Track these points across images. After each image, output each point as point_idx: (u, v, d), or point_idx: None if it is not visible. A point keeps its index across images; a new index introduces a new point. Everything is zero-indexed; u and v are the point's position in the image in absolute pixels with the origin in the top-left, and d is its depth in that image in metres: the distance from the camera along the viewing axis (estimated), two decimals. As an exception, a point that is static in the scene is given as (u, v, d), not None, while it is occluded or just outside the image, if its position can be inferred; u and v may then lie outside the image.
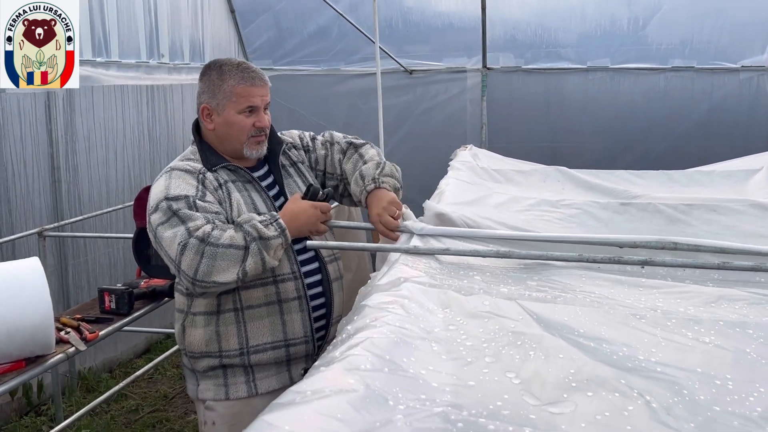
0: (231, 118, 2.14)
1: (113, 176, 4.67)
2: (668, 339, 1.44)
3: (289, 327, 2.14)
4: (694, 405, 1.17)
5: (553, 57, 5.87)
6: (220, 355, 2.12)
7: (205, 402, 2.18)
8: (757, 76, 5.62)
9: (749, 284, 1.79)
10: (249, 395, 2.13)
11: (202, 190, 2.06)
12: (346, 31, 5.95)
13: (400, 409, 1.09)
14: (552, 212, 2.85)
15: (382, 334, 1.42)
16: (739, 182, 3.27)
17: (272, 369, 2.15)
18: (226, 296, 2.09)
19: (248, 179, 2.19)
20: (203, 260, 1.92)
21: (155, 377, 4.64)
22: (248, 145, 2.17)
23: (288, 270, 2.14)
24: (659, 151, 5.71)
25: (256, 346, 2.12)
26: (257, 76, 2.17)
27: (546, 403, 1.18)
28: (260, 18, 6.11)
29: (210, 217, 2.00)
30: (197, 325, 2.13)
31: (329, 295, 2.24)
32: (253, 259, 1.96)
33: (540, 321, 1.53)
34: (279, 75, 6.04)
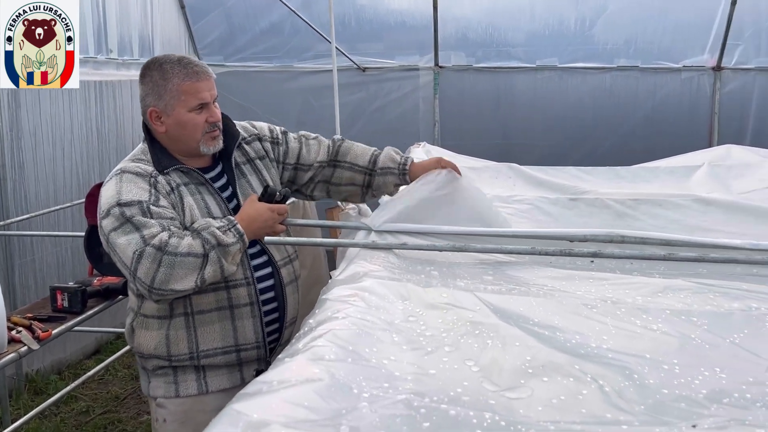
0: (182, 117, 2.06)
1: (61, 174, 4.56)
2: (618, 327, 1.50)
3: (240, 333, 2.11)
4: (643, 388, 1.23)
5: (503, 56, 5.97)
6: (169, 358, 2.09)
7: (156, 399, 2.15)
8: (698, 76, 5.83)
9: (693, 275, 1.88)
10: (199, 393, 2.10)
11: (155, 194, 2.00)
12: (299, 28, 5.93)
13: (365, 396, 1.12)
14: (504, 208, 2.91)
15: (345, 326, 1.44)
16: (682, 178, 3.40)
17: (223, 369, 2.13)
18: (177, 300, 2.05)
19: (201, 181, 2.12)
20: (161, 269, 1.88)
21: (106, 378, 4.55)
22: (204, 141, 2.10)
23: (241, 276, 2.10)
24: (606, 148, 5.86)
25: (206, 350, 2.08)
26: (201, 71, 2.08)
27: (504, 389, 1.22)
28: (211, 14, 6.03)
29: (165, 223, 1.94)
30: (147, 327, 2.09)
31: (282, 300, 2.20)
32: (212, 267, 1.93)
33: (496, 311, 1.58)
34: (230, 71, 5.99)
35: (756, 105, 5.79)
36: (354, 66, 6.03)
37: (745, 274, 1.87)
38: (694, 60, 5.79)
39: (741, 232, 2.39)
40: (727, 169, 3.42)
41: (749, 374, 1.28)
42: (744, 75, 5.78)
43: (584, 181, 3.39)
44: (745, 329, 1.49)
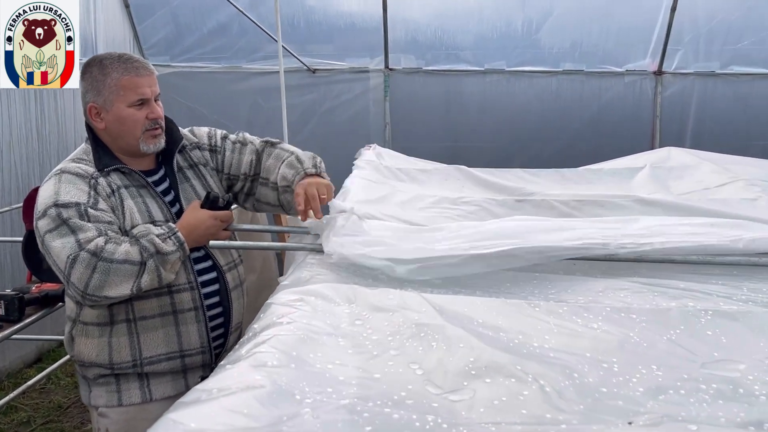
0: (121, 113, 2.02)
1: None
2: (560, 326, 1.52)
3: (185, 338, 2.08)
4: (583, 387, 1.25)
5: (452, 59, 6.03)
6: (111, 366, 2.04)
7: (98, 408, 2.09)
8: (640, 80, 5.99)
9: (633, 275, 1.92)
10: (143, 401, 2.06)
11: (95, 196, 1.95)
12: (247, 29, 5.87)
13: (307, 402, 1.11)
14: (452, 209, 2.93)
15: (289, 331, 1.43)
16: (625, 179, 3.47)
17: (168, 376, 2.09)
18: (119, 307, 2.01)
19: (142, 184, 2.08)
20: (95, 275, 1.84)
21: (48, 387, 4.42)
22: (144, 139, 2.06)
23: (184, 280, 2.07)
24: (552, 150, 5.98)
25: (150, 357, 2.04)
26: (141, 66, 2.05)
27: (447, 391, 1.23)
28: (157, 13, 5.92)
29: (102, 228, 1.90)
30: (87, 335, 2.04)
31: (227, 305, 2.18)
32: (149, 275, 1.90)
33: (442, 312, 1.58)
34: (177, 72, 5.89)
35: (695, 108, 5.99)
36: (304, 67, 6.00)
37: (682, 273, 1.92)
38: (637, 64, 5.95)
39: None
40: (667, 170, 3.52)
41: (684, 371, 1.31)
42: (683, 79, 5.96)
43: (531, 183, 3.44)
44: (681, 326, 1.52)
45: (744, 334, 1.51)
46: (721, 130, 5.95)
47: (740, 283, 1.85)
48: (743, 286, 1.83)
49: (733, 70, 5.91)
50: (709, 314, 1.58)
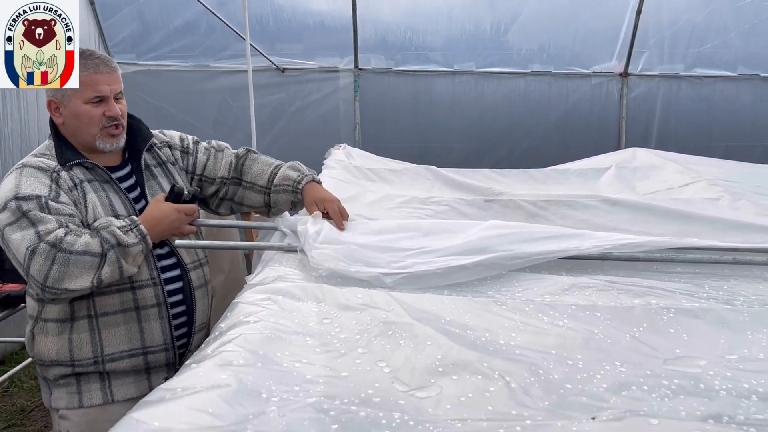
0: (78, 109, 2.00)
1: (-41, 175, 4.31)
2: (526, 323, 1.54)
3: (148, 335, 2.05)
4: (548, 384, 1.27)
5: (422, 59, 6.04)
6: (72, 364, 2.00)
7: (59, 411, 2.05)
8: (606, 82, 6.07)
9: (599, 272, 1.95)
10: (104, 402, 2.02)
11: (56, 189, 1.93)
12: (215, 27, 5.81)
13: (274, 401, 1.11)
14: (422, 209, 2.94)
15: (256, 330, 1.42)
16: (591, 180, 3.52)
17: (130, 377, 2.06)
18: (80, 303, 1.98)
19: (106, 179, 2.06)
20: (54, 266, 1.81)
21: (11, 390, 4.33)
22: (101, 137, 2.03)
23: (147, 276, 2.04)
24: (521, 150, 6.03)
25: (111, 354, 2.01)
26: (102, 63, 2.03)
27: (414, 389, 1.23)
28: (123, 11, 5.82)
29: (63, 220, 1.87)
30: (48, 332, 2.01)
31: (191, 303, 2.15)
32: (110, 267, 1.87)
33: (410, 310, 1.59)
34: (144, 70, 5.81)
35: (660, 109, 6.09)
36: (273, 66, 5.96)
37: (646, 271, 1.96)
38: (603, 66, 6.02)
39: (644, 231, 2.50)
40: (632, 171, 3.57)
41: (647, 367, 1.34)
42: (649, 81, 6.06)
43: (499, 183, 3.47)
44: (644, 324, 1.55)
45: (705, 331, 1.54)
46: (685, 131, 6.06)
47: (702, 281, 1.89)
48: (705, 284, 1.87)
49: (697, 72, 6.03)
50: (671, 312, 1.61)
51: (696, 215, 2.62)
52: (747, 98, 6.10)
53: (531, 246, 1.97)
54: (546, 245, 1.98)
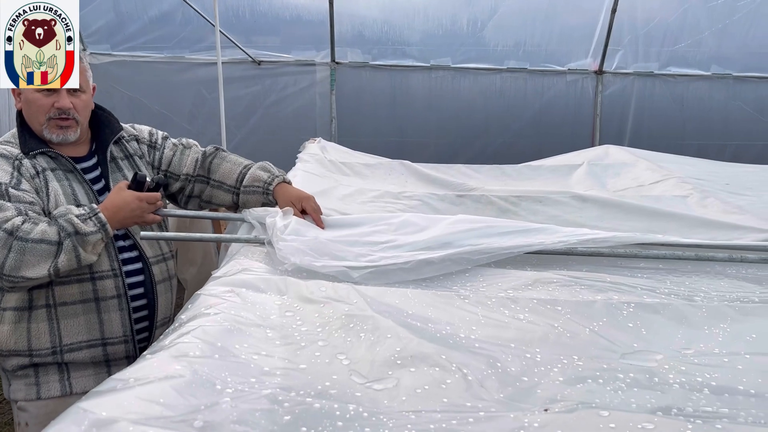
0: (29, 96, 2.02)
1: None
2: (488, 317, 1.55)
3: (107, 326, 2.04)
4: (505, 376, 1.28)
5: (398, 54, 6.04)
6: (30, 354, 1.99)
7: (18, 402, 2.04)
8: (581, 79, 6.11)
9: (563, 268, 1.96)
10: (63, 394, 2.01)
11: (18, 177, 1.92)
12: (191, 18, 5.75)
13: (228, 392, 1.11)
14: (394, 203, 2.94)
15: (216, 322, 1.42)
16: (563, 176, 3.55)
17: (89, 369, 2.05)
18: (39, 292, 1.97)
19: (69, 169, 2.05)
20: (10, 254, 1.80)
21: (-23, 383, 4.27)
22: (48, 127, 2.03)
23: (107, 267, 2.03)
24: (496, 147, 6.05)
25: (70, 344, 2.00)
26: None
27: (371, 381, 1.23)
28: (97, 0, 5.76)
29: (22, 207, 1.86)
30: (5, 321, 1.99)
31: (153, 297, 2.14)
32: (66, 255, 1.85)
33: (373, 304, 1.59)
34: (118, 61, 5.74)
35: (634, 107, 6.15)
36: (249, 59, 5.93)
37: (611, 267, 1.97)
38: (578, 63, 6.07)
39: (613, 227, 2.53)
40: (604, 168, 3.60)
41: (604, 361, 1.35)
42: (623, 79, 6.11)
43: (472, 179, 3.48)
44: (604, 318, 1.57)
45: (664, 326, 1.56)
46: (658, 129, 6.13)
47: (664, 277, 1.92)
48: (667, 279, 1.90)
49: (670, 71, 6.09)
50: (631, 307, 1.63)
51: (664, 212, 2.65)
52: (720, 97, 6.18)
53: (497, 240, 1.98)
54: (512, 240, 1.99)
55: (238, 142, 5.85)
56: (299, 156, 3.63)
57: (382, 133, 6.05)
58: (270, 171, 2.29)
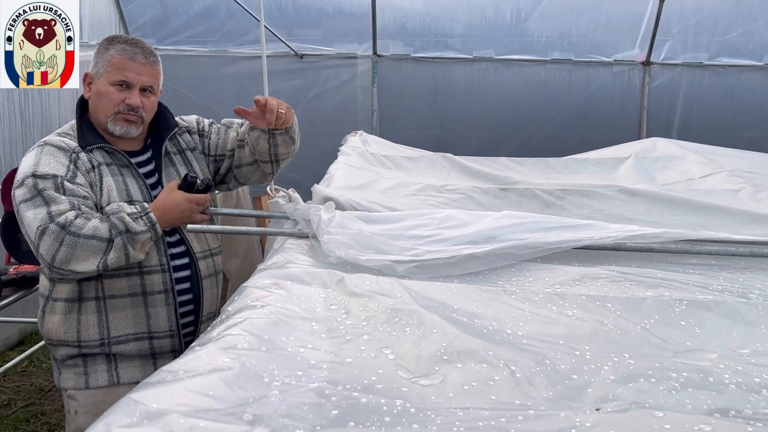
0: (102, 88, 2.04)
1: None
2: (535, 313, 1.52)
3: (154, 320, 2.07)
4: (554, 374, 1.25)
5: (440, 46, 6.00)
6: (78, 344, 2.03)
7: (67, 391, 2.09)
8: (628, 70, 5.99)
9: (612, 263, 1.92)
10: (110, 384, 2.05)
11: (74, 170, 1.96)
12: (234, 12, 5.81)
13: (276, 385, 1.11)
14: (436, 197, 2.92)
15: (262, 315, 1.42)
16: (610, 169, 3.48)
17: (136, 360, 2.08)
18: (88, 284, 2.01)
19: (125, 164, 2.08)
20: (62, 248, 1.84)
21: (29, 370, 4.39)
22: (114, 120, 2.05)
23: (156, 262, 2.06)
24: (539, 139, 5.98)
25: (117, 336, 2.04)
26: (140, 53, 2.05)
27: (418, 376, 1.22)
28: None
29: (76, 201, 1.90)
30: (56, 311, 2.04)
31: (198, 292, 2.17)
32: (116, 253, 1.89)
33: (418, 298, 1.58)
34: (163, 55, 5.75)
35: (682, 99, 6.00)
36: (291, 52, 5.96)
37: (661, 262, 1.93)
38: (625, 54, 5.95)
39: (661, 222, 2.47)
40: (652, 161, 3.52)
41: (656, 360, 1.31)
42: (671, 70, 5.97)
43: (516, 172, 3.44)
44: (655, 315, 1.53)
45: (718, 324, 1.51)
46: (708, 121, 5.97)
47: (717, 273, 1.86)
48: (720, 276, 1.84)
49: (721, 62, 5.92)
50: (684, 304, 1.59)
51: (715, 206, 2.58)
52: (772, 88, 6.00)
53: (544, 235, 1.94)
54: (559, 235, 1.95)
55: (280, 135, 5.89)
56: (341, 149, 3.63)
57: (423, 125, 6.03)
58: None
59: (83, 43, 5.27)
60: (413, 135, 5.46)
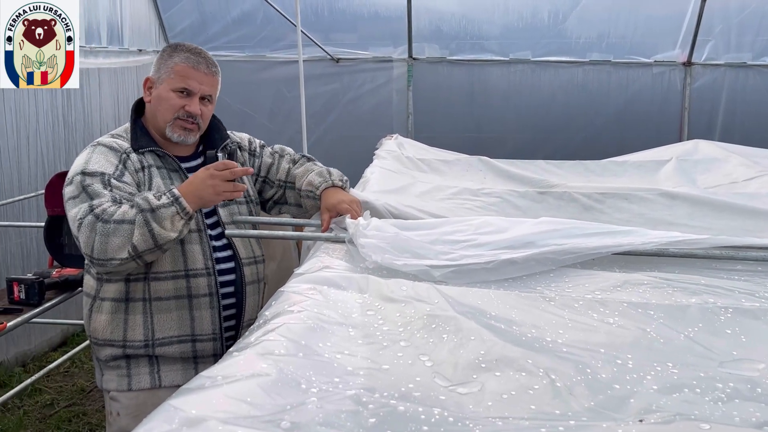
0: (163, 93, 2.09)
1: (26, 163, 4.47)
2: (575, 320, 1.50)
3: (198, 323, 2.09)
4: (595, 383, 1.23)
5: (477, 49, 5.97)
6: (124, 345, 2.06)
7: (110, 392, 2.12)
8: (669, 71, 5.87)
9: (653, 269, 1.88)
10: (152, 386, 2.07)
11: (122, 169, 2.00)
12: (271, 17, 5.87)
13: (313, 392, 1.10)
14: (473, 200, 2.90)
15: (299, 320, 1.42)
16: (650, 172, 3.41)
17: (178, 364, 2.10)
18: (136, 285, 2.03)
19: (175, 168, 2.12)
20: (97, 237, 1.86)
21: (72, 371, 4.49)
22: (172, 126, 2.09)
23: (202, 265, 2.08)
24: (578, 142, 5.90)
25: (162, 338, 2.06)
26: (203, 62, 2.11)
27: (456, 384, 1.21)
28: (182, 2, 5.95)
29: (118, 196, 1.93)
30: (103, 311, 2.07)
31: (241, 297, 2.18)
32: (139, 230, 1.86)
33: (455, 304, 1.56)
34: (202, 61, 5.91)
35: (725, 100, 5.86)
36: (327, 56, 5.99)
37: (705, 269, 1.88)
38: (665, 55, 5.83)
39: (704, 226, 2.41)
40: (694, 163, 3.45)
41: (701, 369, 1.28)
42: (714, 71, 5.84)
43: (554, 175, 3.39)
44: (700, 324, 1.49)
45: (765, 333, 1.47)
46: (751, 123, 5.82)
47: (764, 280, 1.81)
48: (767, 283, 1.79)
49: (765, 62, 5.77)
50: (729, 312, 1.55)
51: (760, 210, 2.52)
52: (820, 89, 5.82)
53: (583, 241, 1.91)
54: (599, 240, 1.92)
55: (316, 139, 5.93)
56: (376, 153, 3.63)
57: (459, 128, 6.00)
58: (323, 176, 2.27)
59: (123, 49, 5.39)
60: (449, 138, 5.43)
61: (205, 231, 2.11)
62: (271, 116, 6.04)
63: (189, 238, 2.06)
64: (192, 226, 2.07)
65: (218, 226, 2.17)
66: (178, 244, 2.04)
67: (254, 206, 2.31)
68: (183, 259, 2.06)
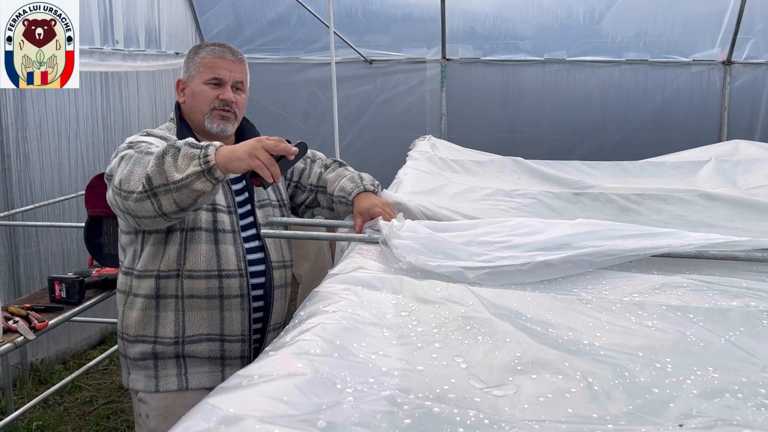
0: (196, 88, 2.13)
1: (66, 164, 4.57)
2: (612, 323, 1.48)
3: (227, 323, 2.10)
4: (634, 387, 1.21)
5: (511, 49, 5.93)
6: (155, 341, 2.08)
7: (138, 393, 2.14)
8: (708, 70, 5.76)
9: (693, 272, 1.84)
10: (180, 388, 2.09)
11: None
12: (305, 19, 5.92)
13: (348, 392, 1.11)
14: (507, 201, 2.88)
15: (334, 320, 1.43)
16: (689, 173, 3.36)
17: (205, 365, 2.11)
18: (168, 282, 2.06)
19: None
20: (126, 166, 1.85)
21: (110, 368, 4.57)
22: (211, 117, 2.13)
23: (234, 266, 2.09)
24: (614, 142, 5.82)
25: (191, 336, 2.08)
26: (228, 51, 2.15)
27: (491, 386, 1.20)
28: (218, 5, 6.03)
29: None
30: (135, 307, 2.09)
31: (270, 300, 2.19)
32: (155, 160, 1.77)
33: (489, 306, 1.55)
34: (237, 63, 5.98)
35: (766, 100, 5.73)
36: (361, 58, 6.01)
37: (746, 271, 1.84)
38: (704, 54, 5.73)
39: (745, 228, 2.36)
40: (734, 164, 3.38)
41: (742, 374, 1.25)
42: (755, 69, 5.72)
43: (589, 176, 3.36)
44: (741, 327, 1.46)
45: (810, 337, 1.43)
46: (794, 123, 5.69)
47: (807, 283, 1.76)
48: (811, 286, 1.74)
49: (808, 60, 5.63)
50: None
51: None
52: None
53: (621, 243, 1.88)
54: (637, 242, 1.89)
55: (349, 140, 5.95)
56: (409, 154, 3.63)
57: (493, 129, 5.97)
58: (355, 181, 2.26)
59: (161, 52, 5.48)
60: (482, 139, 5.41)
61: (239, 233, 2.13)
62: (305, 118, 6.08)
63: (223, 239, 2.09)
64: (227, 227, 2.09)
65: (252, 227, 2.18)
66: (212, 244, 2.06)
67: (286, 210, 2.33)
68: (217, 259, 2.08)
